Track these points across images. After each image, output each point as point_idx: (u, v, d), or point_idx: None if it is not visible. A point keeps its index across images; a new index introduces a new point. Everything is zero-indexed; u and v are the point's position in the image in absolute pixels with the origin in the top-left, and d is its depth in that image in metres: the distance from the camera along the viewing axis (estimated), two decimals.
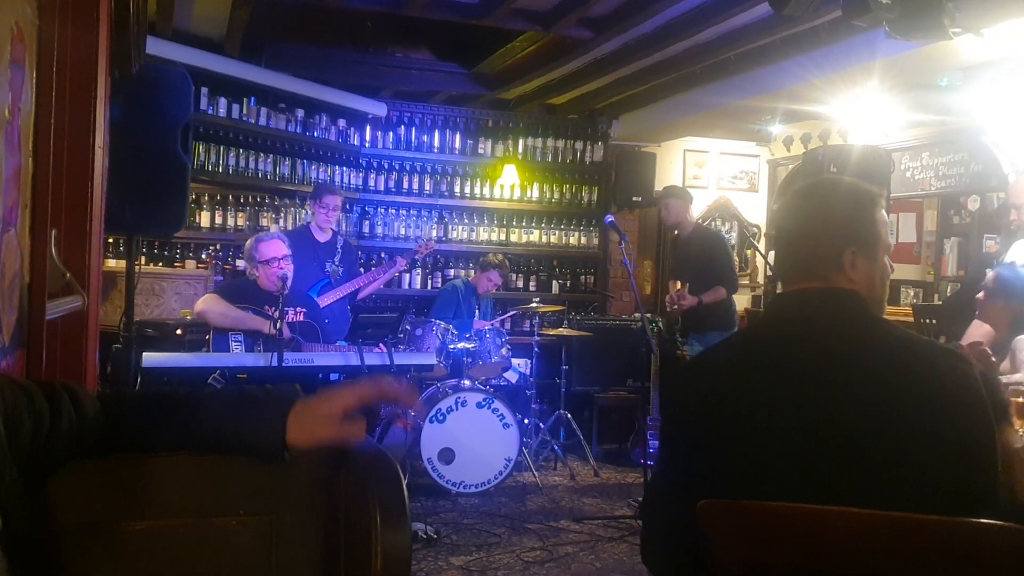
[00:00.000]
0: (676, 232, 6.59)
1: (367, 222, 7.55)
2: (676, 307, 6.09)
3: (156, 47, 5.55)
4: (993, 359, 2.76)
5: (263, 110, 6.76)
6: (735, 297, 6.44)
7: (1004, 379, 2.97)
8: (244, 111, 6.64)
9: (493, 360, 5.95)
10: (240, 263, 6.69)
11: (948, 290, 8.04)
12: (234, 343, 4.61)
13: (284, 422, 1.12)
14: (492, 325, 6.37)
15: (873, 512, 1.46)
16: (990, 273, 3.67)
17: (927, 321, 6.09)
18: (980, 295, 3.72)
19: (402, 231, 7.64)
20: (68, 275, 2.11)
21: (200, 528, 1.12)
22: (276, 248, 4.75)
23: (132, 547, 1.10)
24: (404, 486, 1.09)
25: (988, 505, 1.64)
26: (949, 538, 1.45)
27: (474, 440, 5.52)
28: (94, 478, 1.11)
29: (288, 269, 4.69)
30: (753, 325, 2.00)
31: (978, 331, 3.77)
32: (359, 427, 1.11)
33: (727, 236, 9.06)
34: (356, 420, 1.12)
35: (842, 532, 1.45)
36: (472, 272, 7.26)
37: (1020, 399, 2.74)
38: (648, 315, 5.74)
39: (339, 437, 1.11)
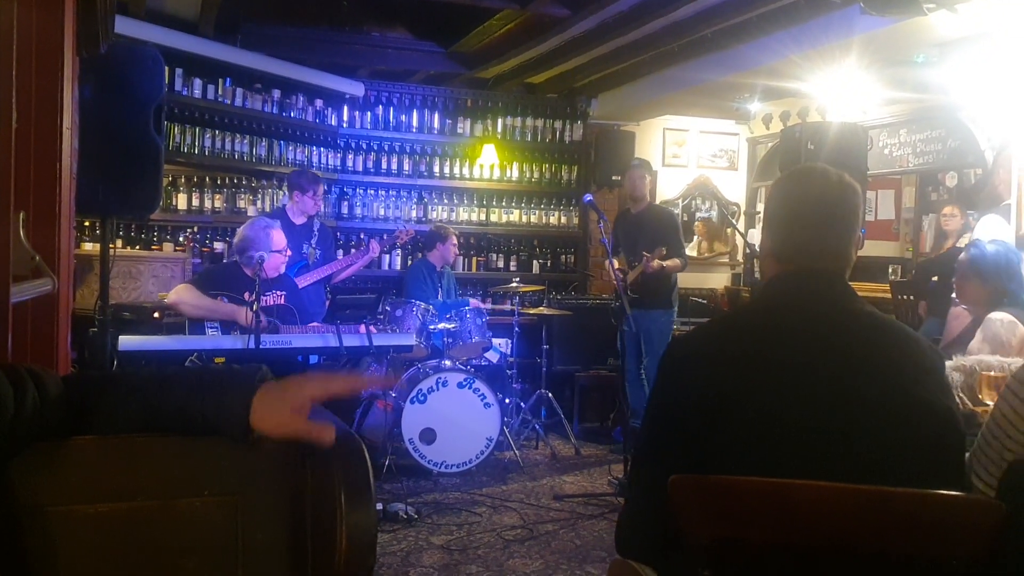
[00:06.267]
0: (627, 208, 6.57)
1: (346, 203, 7.52)
2: (630, 273, 6.06)
3: (129, 27, 5.48)
4: None
5: (239, 91, 6.70)
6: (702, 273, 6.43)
7: (974, 358, 3.01)
8: (219, 92, 6.58)
9: (473, 340, 5.95)
10: (218, 245, 6.66)
11: None
12: (210, 329, 4.61)
13: (248, 404, 1.11)
14: (479, 305, 6.41)
15: (839, 485, 1.47)
16: (962, 255, 3.70)
17: (904, 297, 6.14)
18: (955, 278, 3.74)
19: (381, 212, 7.61)
20: (37, 258, 2.09)
21: (165, 509, 1.12)
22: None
23: (97, 529, 1.09)
24: (369, 466, 1.09)
25: (959, 482, 1.68)
26: (915, 509, 1.46)
27: (455, 420, 5.52)
28: (57, 460, 1.10)
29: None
30: (759, 303, 1.95)
31: (958, 315, 3.81)
32: (328, 430, 1.09)
33: (707, 215, 9.09)
34: (326, 423, 1.09)
35: (809, 505, 1.47)
36: (421, 253, 7.05)
37: (990, 373, 2.77)
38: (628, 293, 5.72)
39: (305, 433, 1.08)
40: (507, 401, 6.17)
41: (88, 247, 5.82)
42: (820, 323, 1.71)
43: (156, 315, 5.22)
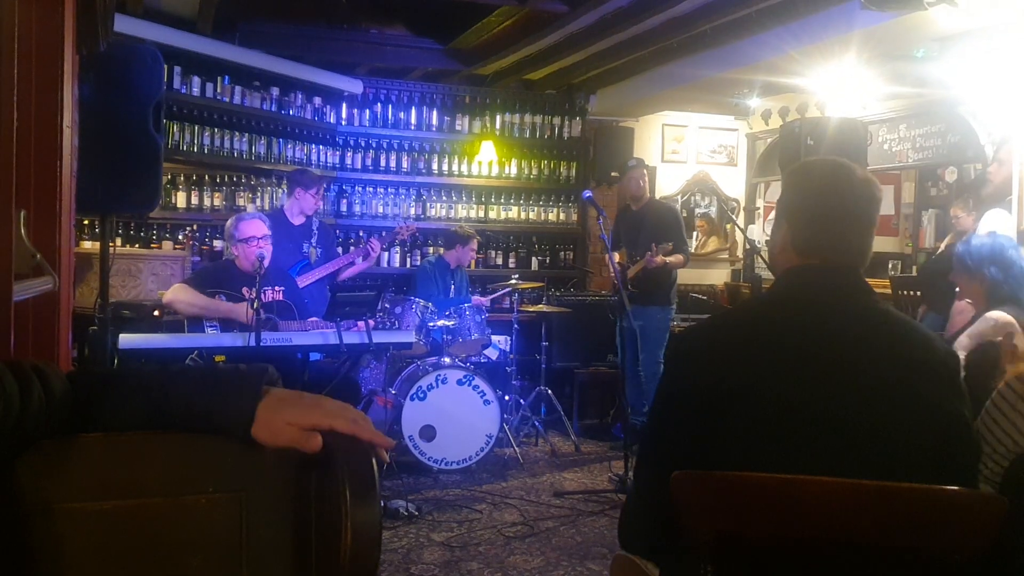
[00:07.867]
0: (627, 205, 6.59)
1: (345, 200, 7.51)
2: (631, 269, 6.09)
3: (127, 25, 5.47)
4: None
5: (237, 88, 6.69)
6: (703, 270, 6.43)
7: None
8: (218, 90, 6.57)
9: (473, 337, 5.95)
10: (218, 243, 6.66)
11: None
12: (209, 328, 4.61)
13: (255, 406, 1.11)
14: (487, 301, 6.42)
15: (842, 480, 1.47)
16: (956, 251, 3.72)
17: (905, 293, 6.14)
18: (951, 275, 3.76)
19: (380, 209, 7.60)
20: (39, 256, 2.09)
21: (170, 507, 1.11)
22: (256, 227, 4.82)
23: (103, 526, 1.09)
24: (374, 461, 1.09)
25: (968, 478, 1.67)
26: (917, 504, 1.46)
27: (455, 417, 5.52)
28: (63, 457, 1.09)
29: (266, 249, 4.75)
30: (771, 296, 1.93)
31: (962, 309, 3.83)
32: (316, 441, 1.09)
33: (706, 211, 9.09)
34: (314, 435, 1.09)
35: (812, 500, 1.46)
36: (440, 249, 7.19)
37: None
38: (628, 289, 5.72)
39: (296, 443, 1.09)
40: (507, 398, 6.17)
41: (87, 245, 5.81)
42: (833, 317, 1.70)
43: (156, 313, 5.22)
